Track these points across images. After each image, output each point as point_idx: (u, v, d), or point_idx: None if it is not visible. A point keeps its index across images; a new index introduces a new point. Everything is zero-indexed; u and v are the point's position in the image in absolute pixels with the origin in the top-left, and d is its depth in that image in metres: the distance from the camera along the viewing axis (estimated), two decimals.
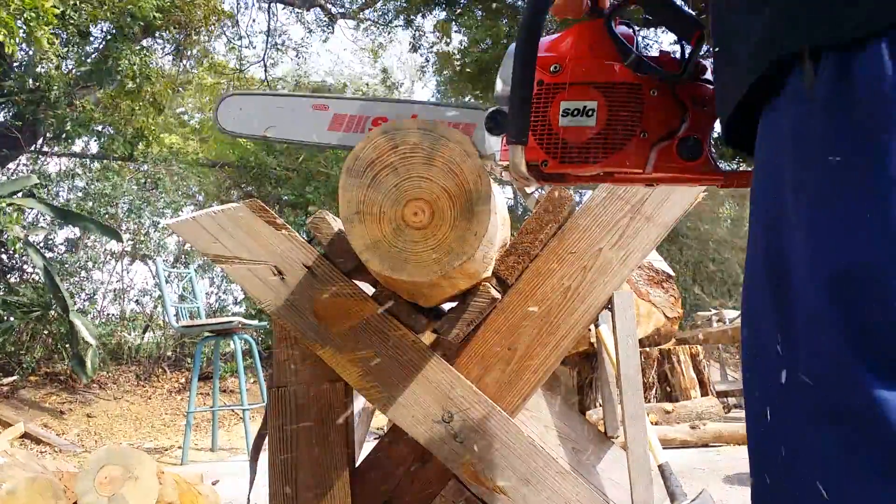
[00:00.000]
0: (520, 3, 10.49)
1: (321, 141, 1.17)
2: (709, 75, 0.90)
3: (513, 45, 0.91)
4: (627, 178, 0.95)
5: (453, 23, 11.41)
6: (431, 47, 12.25)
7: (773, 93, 0.71)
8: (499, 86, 0.96)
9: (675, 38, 0.91)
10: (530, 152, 0.90)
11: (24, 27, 4.79)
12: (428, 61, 12.71)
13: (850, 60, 0.63)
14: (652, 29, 10.82)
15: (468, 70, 11.55)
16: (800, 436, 0.65)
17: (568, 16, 1.00)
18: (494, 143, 0.97)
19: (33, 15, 4.79)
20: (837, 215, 0.63)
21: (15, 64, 6.37)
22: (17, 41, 4.77)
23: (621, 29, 0.91)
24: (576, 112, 0.88)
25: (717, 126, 0.88)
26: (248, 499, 1.51)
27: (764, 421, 0.69)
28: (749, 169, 0.79)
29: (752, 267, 0.71)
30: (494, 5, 10.39)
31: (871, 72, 0.62)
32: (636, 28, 0.94)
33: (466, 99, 12.81)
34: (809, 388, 0.64)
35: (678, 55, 0.91)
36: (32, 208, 5.71)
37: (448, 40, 11.77)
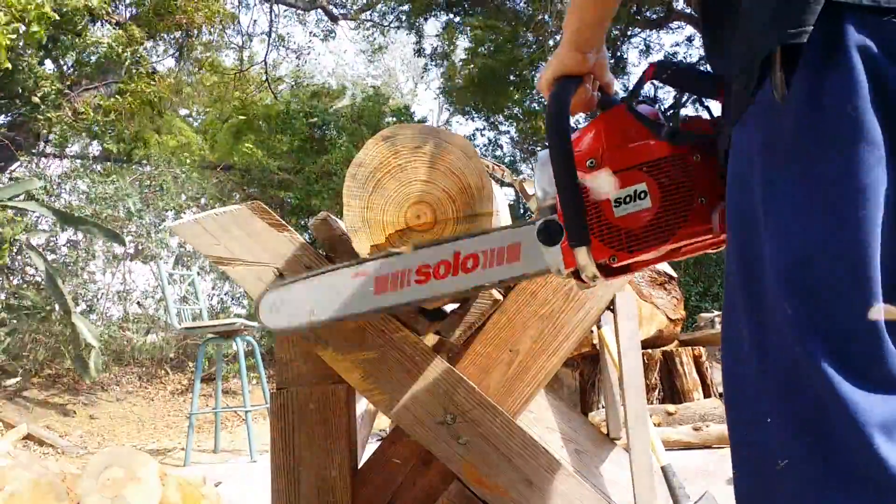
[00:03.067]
0: (521, 5, 10.50)
1: (371, 307, 1.10)
2: None
3: (542, 153, 0.92)
4: (699, 246, 0.94)
5: (456, 26, 11.43)
6: (434, 51, 12.26)
7: (742, 109, 0.73)
8: (539, 195, 0.95)
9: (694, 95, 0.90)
10: (596, 252, 0.88)
11: (15, 35, 4.80)
12: (431, 61, 12.72)
13: (821, 74, 0.64)
14: (652, 31, 10.84)
15: (472, 78, 11.56)
16: (766, 429, 0.67)
17: (580, 112, 1.00)
18: (554, 253, 0.94)
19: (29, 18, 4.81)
20: (803, 217, 0.65)
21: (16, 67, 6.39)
22: (11, 46, 4.78)
23: (644, 108, 0.91)
24: (628, 199, 0.87)
25: None
26: None
27: (740, 414, 0.71)
28: None
29: (728, 269, 0.73)
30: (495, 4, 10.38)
31: (842, 85, 0.63)
32: (658, 100, 0.93)
33: (468, 106, 12.83)
34: (777, 379, 0.66)
35: (706, 114, 0.91)
36: (34, 211, 5.72)
37: (453, 46, 11.77)
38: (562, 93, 0.91)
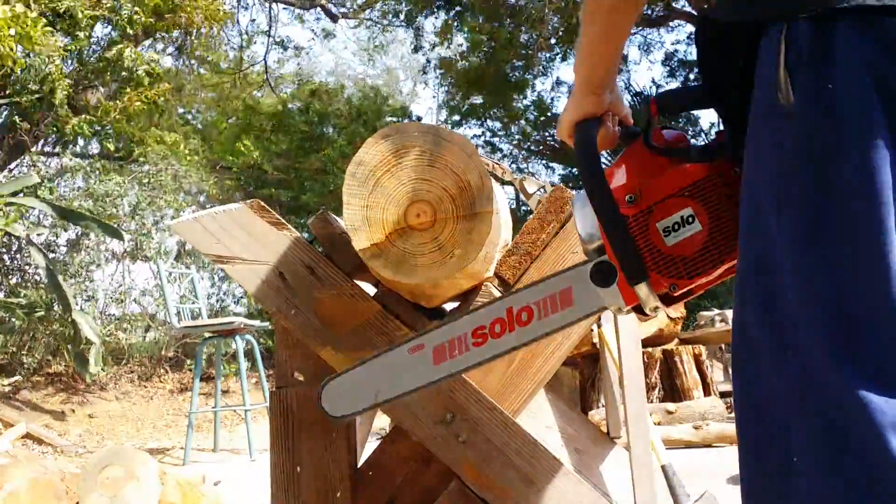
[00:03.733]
0: (521, 3, 10.48)
1: (433, 379, 1.09)
2: None
3: (580, 195, 0.92)
4: None
5: (454, 25, 11.42)
6: (433, 48, 12.26)
7: (744, 111, 0.75)
8: (584, 237, 0.94)
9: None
10: (655, 284, 0.88)
11: (17, 32, 4.80)
12: (429, 62, 12.72)
13: (824, 74, 0.65)
14: (655, 29, 10.83)
15: (470, 76, 11.56)
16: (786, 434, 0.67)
17: (605, 149, 1.00)
18: (612, 293, 0.93)
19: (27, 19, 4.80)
20: (821, 224, 0.65)
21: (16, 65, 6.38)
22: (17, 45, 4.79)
23: (668, 133, 0.91)
24: (676, 226, 0.87)
25: None
26: None
27: (755, 422, 0.71)
28: None
29: (742, 273, 0.73)
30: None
31: (845, 85, 0.63)
32: (677, 123, 0.92)
33: (467, 102, 12.81)
34: (795, 382, 0.65)
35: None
36: (34, 207, 5.71)
37: (449, 43, 11.77)
38: (586, 136, 0.91)
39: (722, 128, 0.90)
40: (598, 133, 0.94)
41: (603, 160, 0.93)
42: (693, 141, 0.91)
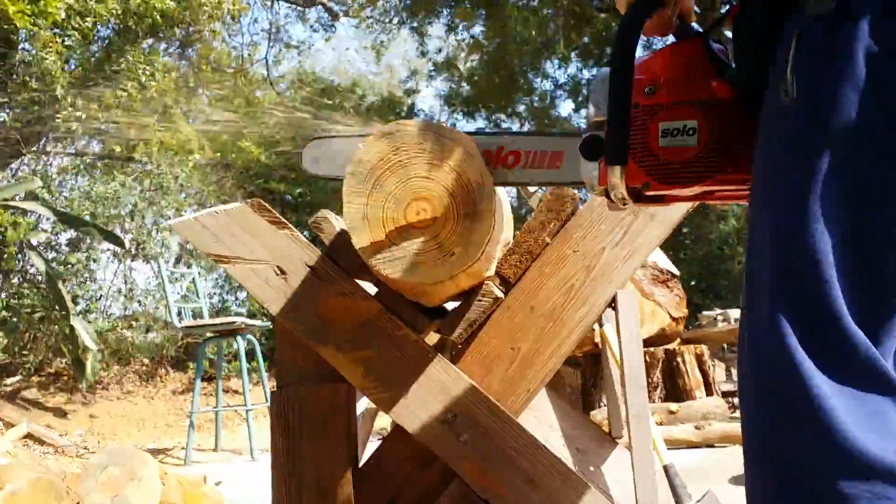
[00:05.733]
0: (522, 1, 10.48)
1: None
2: None
3: (604, 70, 0.92)
4: (727, 196, 0.95)
5: (454, 23, 11.42)
6: (439, 52, 12.26)
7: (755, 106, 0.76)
8: (591, 110, 0.95)
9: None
10: (631, 176, 0.89)
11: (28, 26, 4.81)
12: (432, 65, 12.73)
13: (825, 72, 0.65)
14: None
15: (474, 75, 11.55)
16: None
17: (655, 35, 0.99)
18: (592, 168, 0.95)
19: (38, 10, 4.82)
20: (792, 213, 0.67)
21: (20, 64, 6.38)
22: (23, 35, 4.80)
23: (716, 46, 0.90)
24: (675, 132, 0.87)
25: None
26: None
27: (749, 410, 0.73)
28: None
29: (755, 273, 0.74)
30: None
31: (844, 83, 0.64)
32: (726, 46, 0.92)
33: (471, 105, 12.81)
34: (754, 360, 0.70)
35: None
36: (34, 211, 5.72)
37: (456, 37, 11.75)
38: (639, 11, 0.89)
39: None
40: (655, 15, 0.92)
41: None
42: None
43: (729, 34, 0.89)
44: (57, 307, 5.45)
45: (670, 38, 0.97)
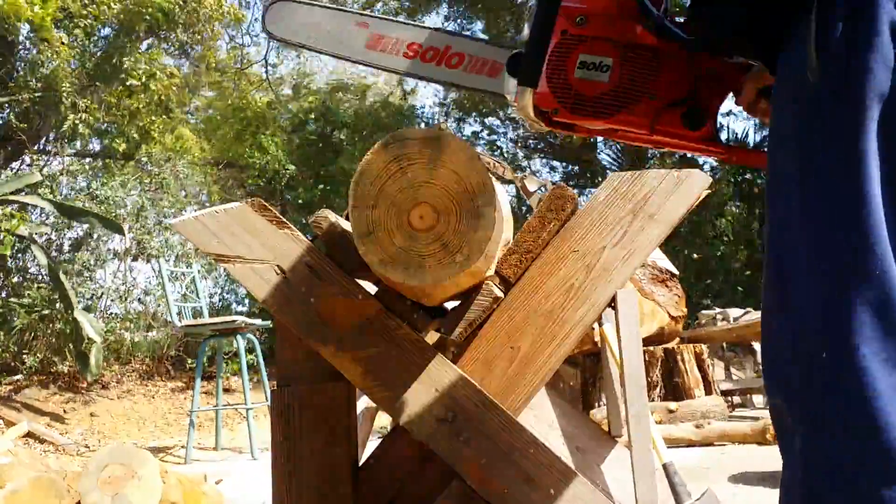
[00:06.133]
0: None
1: (359, 59, 1.18)
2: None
3: None
4: (631, 137, 0.97)
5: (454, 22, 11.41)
6: None
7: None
8: (525, 30, 0.96)
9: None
10: (543, 99, 0.91)
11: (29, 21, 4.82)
12: None
13: (853, 50, 0.64)
14: None
15: None
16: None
17: None
18: (513, 85, 0.97)
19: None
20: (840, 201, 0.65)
21: (20, 63, 6.38)
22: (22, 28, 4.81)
23: None
24: (592, 66, 0.89)
25: (728, 103, 0.90)
26: None
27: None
28: (754, 149, 0.82)
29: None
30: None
31: (872, 63, 0.63)
32: None
33: (469, 105, 12.78)
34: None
35: None
36: (36, 205, 5.73)
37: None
38: None
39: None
40: None
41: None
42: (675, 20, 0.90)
43: None
44: (60, 301, 5.45)
45: None
